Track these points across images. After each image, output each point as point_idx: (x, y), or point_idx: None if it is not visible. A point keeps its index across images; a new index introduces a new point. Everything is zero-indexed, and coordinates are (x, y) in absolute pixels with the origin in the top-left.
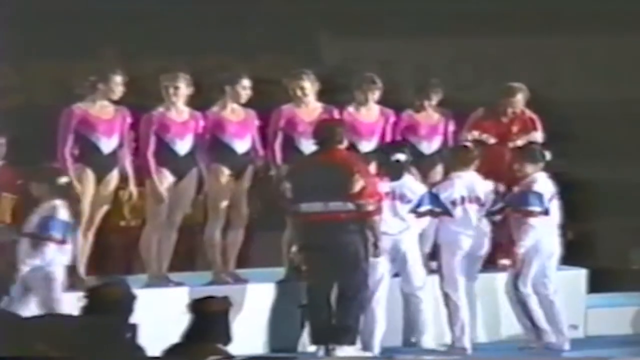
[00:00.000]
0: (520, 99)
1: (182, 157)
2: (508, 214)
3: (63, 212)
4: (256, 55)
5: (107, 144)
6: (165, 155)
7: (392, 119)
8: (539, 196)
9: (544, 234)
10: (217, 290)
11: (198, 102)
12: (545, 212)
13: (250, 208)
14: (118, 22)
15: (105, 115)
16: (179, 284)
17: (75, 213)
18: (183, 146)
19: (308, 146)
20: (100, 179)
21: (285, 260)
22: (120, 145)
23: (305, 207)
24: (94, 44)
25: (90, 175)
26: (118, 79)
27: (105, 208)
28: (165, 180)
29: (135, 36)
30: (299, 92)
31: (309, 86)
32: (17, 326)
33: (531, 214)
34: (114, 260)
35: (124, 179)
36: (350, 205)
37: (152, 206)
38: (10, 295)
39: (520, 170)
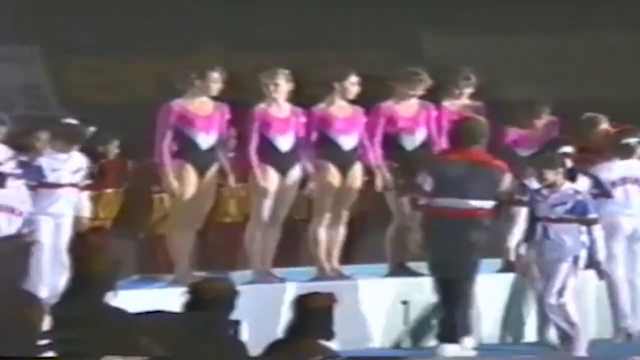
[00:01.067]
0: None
1: (284, 154)
2: None
3: None
4: (360, 52)
5: (206, 140)
6: (268, 151)
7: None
8: None
9: None
10: (321, 286)
11: (302, 99)
12: None
13: (356, 205)
14: (220, 19)
15: (204, 112)
16: (282, 279)
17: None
18: (285, 142)
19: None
20: (200, 175)
21: (389, 255)
22: (219, 141)
23: (442, 202)
24: (197, 40)
25: (190, 171)
26: (215, 75)
27: (207, 204)
28: (268, 176)
29: (238, 32)
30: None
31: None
32: (123, 321)
33: None
34: (218, 256)
35: (224, 175)
36: (491, 203)
37: (256, 202)
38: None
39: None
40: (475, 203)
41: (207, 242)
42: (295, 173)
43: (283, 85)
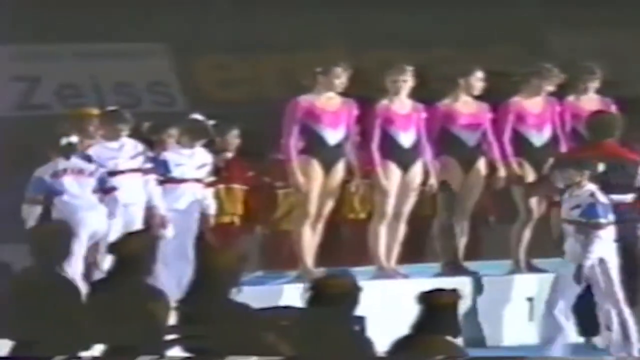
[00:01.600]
0: None
1: (406, 149)
2: None
3: None
4: (486, 48)
5: (333, 136)
6: (390, 147)
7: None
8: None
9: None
10: (446, 282)
11: (425, 95)
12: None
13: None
14: (345, 14)
15: (331, 107)
16: (406, 276)
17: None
18: (407, 138)
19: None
20: (326, 171)
21: (513, 252)
22: (346, 137)
23: None
24: (322, 37)
25: (316, 167)
26: (339, 71)
27: (333, 200)
28: (390, 173)
29: (363, 29)
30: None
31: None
32: (248, 317)
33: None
34: (342, 252)
35: (350, 171)
36: (631, 196)
37: (378, 199)
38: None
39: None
40: (614, 197)
41: (332, 238)
42: (416, 169)
43: (407, 82)
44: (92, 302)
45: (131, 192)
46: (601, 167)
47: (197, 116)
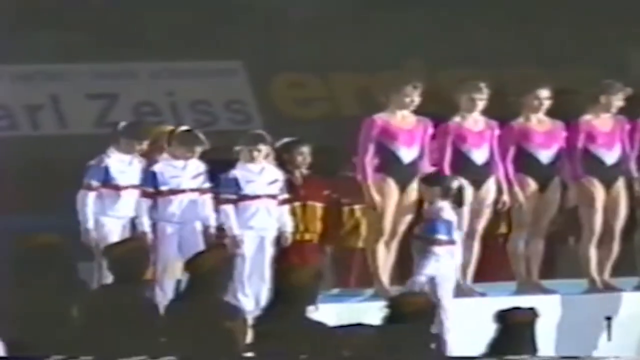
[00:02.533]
0: None
1: (479, 166)
2: None
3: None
4: (559, 67)
5: (408, 154)
6: (463, 165)
7: None
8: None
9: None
10: (523, 301)
11: (499, 112)
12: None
13: (555, 218)
14: (421, 34)
15: (406, 125)
16: (483, 294)
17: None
18: (480, 155)
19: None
20: (401, 189)
21: (585, 272)
22: (421, 155)
23: None
24: (398, 55)
25: (392, 185)
26: (409, 89)
27: (408, 218)
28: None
29: (440, 47)
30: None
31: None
32: (324, 335)
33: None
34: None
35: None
36: None
37: None
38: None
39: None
40: None
41: (407, 256)
42: (489, 186)
43: (482, 100)
44: (169, 320)
45: (188, 211)
46: (455, 183)
47: (259, 131)
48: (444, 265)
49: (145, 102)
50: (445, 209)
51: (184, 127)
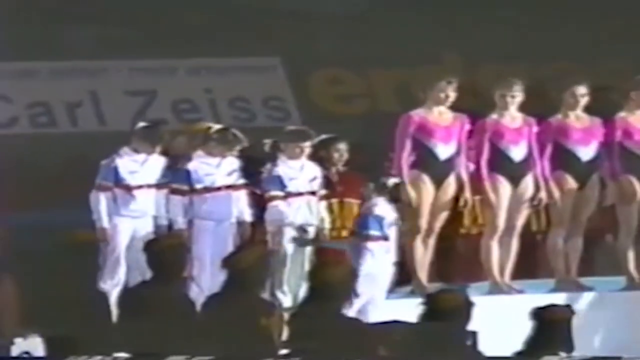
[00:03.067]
0: None
1: (517, 164)
2: None
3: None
4: (598, 62)
5: (444, 151)
6: (500, 161)
7: None
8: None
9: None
10: (560, 298)
11: (536, 108)
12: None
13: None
14: (459, 30)
15: (443, 122)
16: (521, 291)
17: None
18: (518, 152)
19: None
20: (437, 186)
21: (624, 269)
22: (457, 152)
23: None
24: (438, 50)
25: (427, 182)
26: (443, 85)
27: (444, 215)
28: (500, 186)
29: (479, 42)
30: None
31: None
32: (361, 331)
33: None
34: (455, 267)
35: (461, 186)
36: None
37: (489, 214)
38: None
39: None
40: None
41: (445, 253)
42: (527, 183)
43: (515, 97)
44: (206, 316)
45: (223, 208)
46: (391, 181)
47: (299, 128)
48: (379, 261)
49: (184, 99)
50: (380, 204)
51: (220, 126)
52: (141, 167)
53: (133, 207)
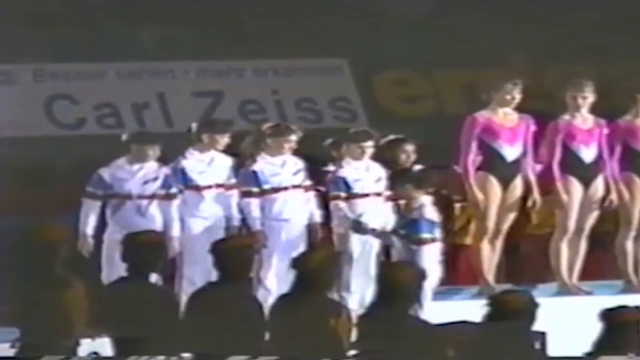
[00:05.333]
0: None
1: (588, 164)
2: None
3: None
4: None
5: (510, 152)
6: (572, 162)
7: None
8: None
9: None
10: (630, 300)
11: (606, 110)
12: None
13: None
14: (526, 32)
15: (508, 123)
16: (589, 292)
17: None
18: (589, 154)
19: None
20: (504, 187)
21: None
22: (523, 153)
23: None
24: (503, 51)
25: (494, 183)
26: (508, 87)
27: (512, 216)
28: (572, 187)
29: (545, 43)
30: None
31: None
32: (428, 332)
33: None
34: (524, 268)
35: (529, 187)
36: None
37: (560, 214)
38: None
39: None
40: None
41: (512, 254)
42: (598, 184)
43: (586, 98)
44: (274, 317)
45: (292, 209)
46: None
47: (362, 128)
48: (428, 263)
49: (250, 100)
50: (427, 205)
51: (272, 123)
52: (208, 167)
53: (203, 208)
